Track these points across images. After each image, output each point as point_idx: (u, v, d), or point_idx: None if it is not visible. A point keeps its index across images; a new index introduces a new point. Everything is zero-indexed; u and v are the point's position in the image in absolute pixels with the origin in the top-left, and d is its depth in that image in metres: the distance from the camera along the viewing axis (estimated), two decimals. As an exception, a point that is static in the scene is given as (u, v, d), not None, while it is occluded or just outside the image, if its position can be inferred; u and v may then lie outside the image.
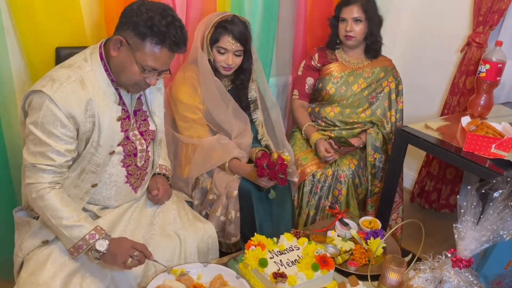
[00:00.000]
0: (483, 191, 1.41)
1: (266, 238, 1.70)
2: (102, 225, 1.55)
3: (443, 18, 2.93)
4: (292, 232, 1.77)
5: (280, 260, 1.62)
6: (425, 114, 3.00)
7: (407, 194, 3.17)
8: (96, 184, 1.61)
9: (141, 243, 1.54)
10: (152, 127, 1.73)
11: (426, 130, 2.25)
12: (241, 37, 2.06)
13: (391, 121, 2.53)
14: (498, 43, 2.26)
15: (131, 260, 1.47)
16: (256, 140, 2.29)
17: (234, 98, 2.20)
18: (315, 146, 2.42)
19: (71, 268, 1.51)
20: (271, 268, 1.57)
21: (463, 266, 1.44)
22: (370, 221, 1.95)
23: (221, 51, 2.07)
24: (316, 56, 2.55)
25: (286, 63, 2.78)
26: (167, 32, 1.45)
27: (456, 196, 1.48)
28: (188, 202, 2.07)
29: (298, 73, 2.61)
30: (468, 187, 1.42)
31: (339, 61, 2.52)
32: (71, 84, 1.45)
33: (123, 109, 1.61)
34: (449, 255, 1.49)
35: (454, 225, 1.45)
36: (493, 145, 1.97)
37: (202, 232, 1.81)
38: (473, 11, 2.67)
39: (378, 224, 1.94)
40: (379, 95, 2.53)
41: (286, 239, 1.72)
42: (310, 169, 2.37)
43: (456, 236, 1.45)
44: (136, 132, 1.68)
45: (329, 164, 2.40)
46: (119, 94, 1.59)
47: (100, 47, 1.54)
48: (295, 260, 1.63)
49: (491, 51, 2.26)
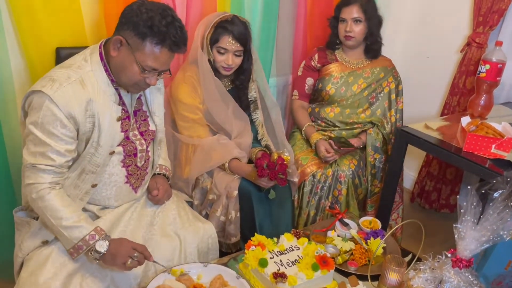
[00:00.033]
0: (483, 191, 1.41)
1: (266, 238, 1.70)
2: (102, 225, 1.55)
3: (443, 18, 2.93)
4: (292, 232, 1.77)
5: (280, 260, 1.62)
6: (425, 114, 2.99)
7: (407, 194, 3.17)
8: (96, 184, 1.61)
9: (141, 244, 1.54)
10: (152, 127, 1.73)
11: (426, 130, 2.25)
12: (241, 37, 2.06)
13: (391, 121, 2.52)
14: (498, 43, 2.26)
15: (131, 261, 1.47)
16: (256, 140, 2.29)
17: (234, 98, 2.20)
18: (316, 146, 2.41)
19: (71, 268, 1.51)
20: (271, 268, 1.57)
21: (463, 266, 1.44)
22: (370, 221, 1.95)
23: (221, 51, 2.07)
24: (316, 57, 2.55)
25: (286, 63, 2.78)
26: (167, 32, 1.45)
27: (456, 196, 1.48)
28: (188, 202, 2.07)
29: (298, 74, 2.61)
30: (468, 187, 1.42)
31: (339, 62, 2.52)
32: (71, 84, 1.45)
33: (123, 109, 1.61)
34: (449, 255, 1.49)
35: (454, 225, 1.45)
36: (493, 145, 1.97)
37: (202, 232, 1.81)
38: (473, 11, 2.67)
39: (378, 224, 1.94)
40: (379, 95, 2.53)
41: (286, 239, 1.72)
42: (310, 169, 2.37)
43: (456, 236, 1.45)
44: (136, 132, 1.68)
45: (329, 164, 2.40)
46: (119, 94, 1.59)
47: (100, 47, 1.54)
48: (295, 260, 1.63)
49: (491, 51, 2.26)
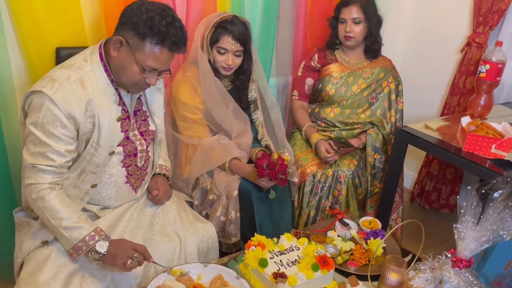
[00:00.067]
0: (483, 191, 1.41)
1: (266, 238, 1.70)
2: (102, 226, 1.55)
3: (443, 18, 2.93)
4: (292, 232, 1.77)
5: (280, 260, 1.62)
6: (425, 114, 3.00)
7: (407, 194, 3.17)
8: (96, 185, 1.61)
9: (141, 245, 1.53)
10: (152, 127, 1.73)
11: (426, 130, 2.25)
12: (241, 38, 2.06)
13: (391, 122, 2.52)
14: (498, 43, 2.26)
15: (131, 262, 1.47)
16: (256, 140, 2.29)
17: (234, 98, 2.20)
18: (316, 147, 2.41)
19: (71, 269, 1.51)
20: (271, 268, 1.56)
21: (463, 266, 1.44)
22: (370, 221, 1.95)
23: (221, 52, 2.07)
24: (316, 57, 2.55)
25: (286, 63, 2.78)
26: (167, 32, 1.45)
27: (456, 196, 1.48)
28: (188, 202, 2.07)
29: (298, 74, 2.61)
30: (468, 187, 1.42)
31: (339, 62, 2.52)
32: (71, 85, 1.45)
33: (123, 110, 1.61)
34: (449, 255, 1.48)
35: (454, 225, 1.45)
36: (493, 145, 1.97)
37: (202, 232, 1.81)
38: (473, 11, 2.67)
39: (378, 224, 1.94)
40: (379, 96, 2.53)
41: (286, 239, 1.72)
42: (311, 170, 2.37)
43: (456, 236, 1.45)
44: (136, 132, 1.68)
45: (329, 165, 2.39)
46: (119, 95, 1.59)
47: (100, 47, 1.54)
48: (295, 260, 1.63)
49: (491, 51, 2.26)
